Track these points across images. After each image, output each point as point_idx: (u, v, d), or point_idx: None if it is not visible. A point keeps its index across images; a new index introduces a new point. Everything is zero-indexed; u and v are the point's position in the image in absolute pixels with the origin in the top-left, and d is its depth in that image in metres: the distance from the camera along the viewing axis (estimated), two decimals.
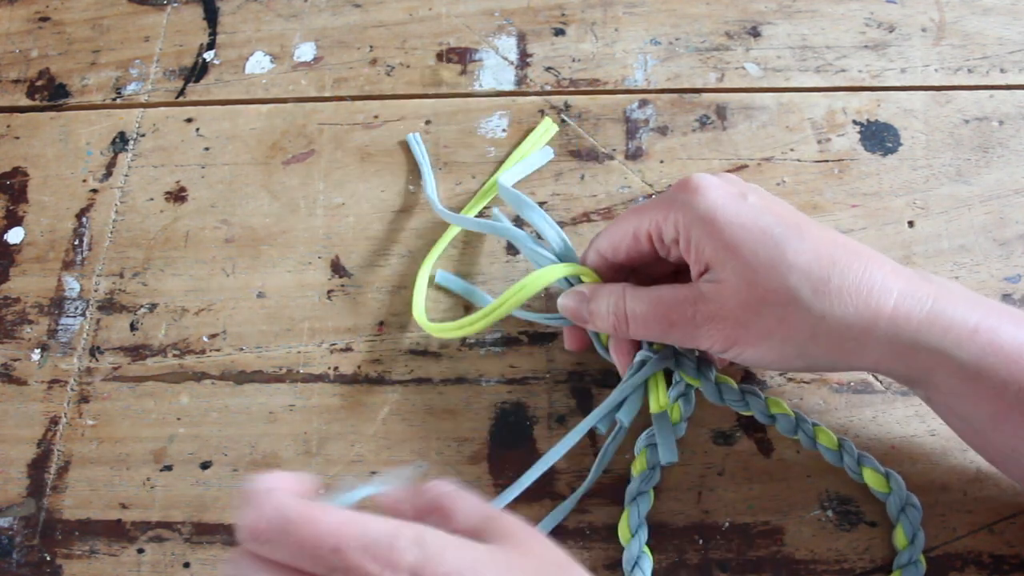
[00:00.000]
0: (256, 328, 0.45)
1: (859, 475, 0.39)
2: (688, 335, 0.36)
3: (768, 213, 0.35)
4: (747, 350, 0.35)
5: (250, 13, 0.54)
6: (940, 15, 0.50)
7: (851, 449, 0.39)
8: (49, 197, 0.50)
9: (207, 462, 0.43)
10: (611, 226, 0.39)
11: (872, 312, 0.33)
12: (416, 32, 0.52)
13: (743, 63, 0.50)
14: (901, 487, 0.38)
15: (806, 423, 0.39)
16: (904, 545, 0.38)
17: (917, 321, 0.33)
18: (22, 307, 0.47)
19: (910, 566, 0.37)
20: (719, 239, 0.34)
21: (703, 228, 0.35)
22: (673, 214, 0.36)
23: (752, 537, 0.39)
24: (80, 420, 0.44)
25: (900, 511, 0.38)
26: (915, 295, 0.33)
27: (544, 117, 0.49)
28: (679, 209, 0.36)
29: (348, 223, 0.47)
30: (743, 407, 0.40)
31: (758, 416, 0.40)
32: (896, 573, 0.38)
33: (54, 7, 0.55)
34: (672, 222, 0.36)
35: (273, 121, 0.50)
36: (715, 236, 0.34)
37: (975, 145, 0.47)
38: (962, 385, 0.33)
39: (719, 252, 0.34)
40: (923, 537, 0.38)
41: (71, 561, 0.41)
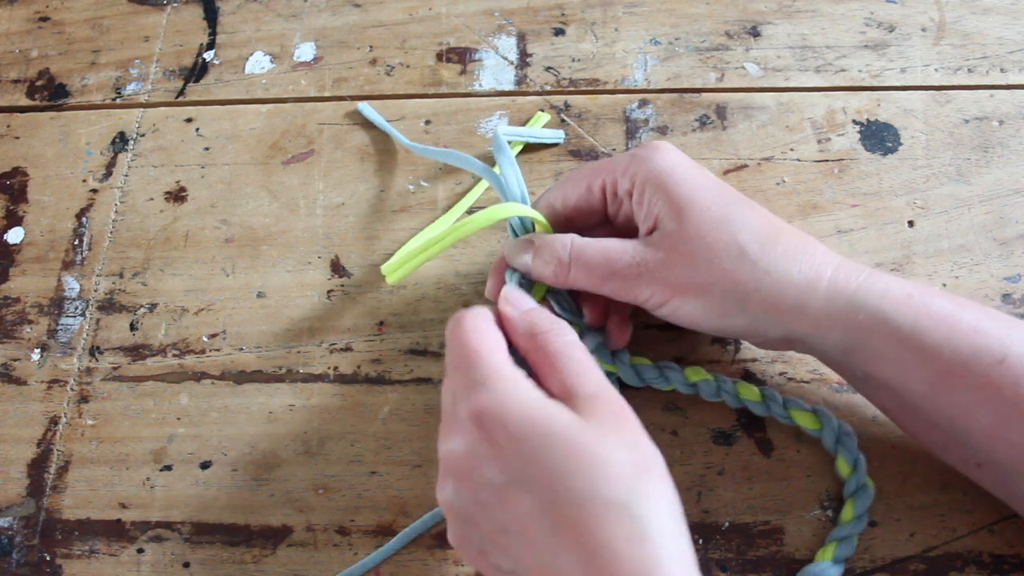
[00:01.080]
0: (256, 328, 0.45)
1: (789, 419, 0.40)
2: (628, 287, 0.37)
3: (722, 185, 0.37)
4: (687, 303, 0.36)
5: (250, 13, 0.54)
6: (940, 15, 0.50)
7: (775, 396, 0.40)
8: (49, 197, 0.50)
9: (207, 462, 0.43)
10: (564, 180, 0.40)
11: (814, 273, 0.35)
12: (416, 32, 0.52)
13: (743, 63, 0.50)
14: (831, 419, 0.39)
15: (726, 382, 0.40)
16: (848, 472, 0.39)
17: (855, 285, 0.34)
18: (22, 307, 0.47)
19: (859, 491, 0.38)
20: (674, 193, 0.36)
21: (659, 182, 0.36)
22: (631, 168, 0.37)
23: (752, 537, 0.39)
24: (80, 420, 0.44)
25: (836, 442, 0.39)
26: (851, 266, 0.35)
27: (538, 111, 0.49)
28: (637, 164, 0.37)
29: (348, 223, 0.47)
30: (663, 383, 0.40)
31: (680, 387, 0.40)
32: (848, 501, 0.38)
33: (54, 7, 0.55)
34: (629, 175, 0.37)
35: (273, 121, 0.50)
36: (670, 191, 0.36)
37: (975, 145, 0.47)
38: (899, 351, 0.34)
39: (672, 205, 0.36)
40: (864, 462, 0.38)
41: (71, 561, 0.41)
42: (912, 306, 0.34)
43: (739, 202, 0.36)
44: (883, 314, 0.34)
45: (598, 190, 0.39)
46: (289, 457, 0.42)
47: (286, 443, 0.43)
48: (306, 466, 0.42)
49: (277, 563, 0.41)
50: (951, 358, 0.33)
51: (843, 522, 0.38)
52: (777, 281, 0.34)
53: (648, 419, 0.41)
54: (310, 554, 0.41)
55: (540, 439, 0.30)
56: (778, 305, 0.35)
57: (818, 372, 0.42)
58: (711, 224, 0.35)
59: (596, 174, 0.38)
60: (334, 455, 0.42)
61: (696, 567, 0.30)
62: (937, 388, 0.34)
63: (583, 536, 0.29)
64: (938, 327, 0.33)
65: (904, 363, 0.34)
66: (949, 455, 0.37)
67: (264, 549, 0.41)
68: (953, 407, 0.34)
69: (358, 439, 0.43)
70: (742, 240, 0.35)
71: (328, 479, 0.42)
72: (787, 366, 0.42)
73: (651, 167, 0.36)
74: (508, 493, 0.30)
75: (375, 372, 0.44)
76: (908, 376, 0.34)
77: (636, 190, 0.37)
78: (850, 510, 0.38)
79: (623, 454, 0.30)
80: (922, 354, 0.33)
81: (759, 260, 0.34)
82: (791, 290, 0.34)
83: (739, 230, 0.35)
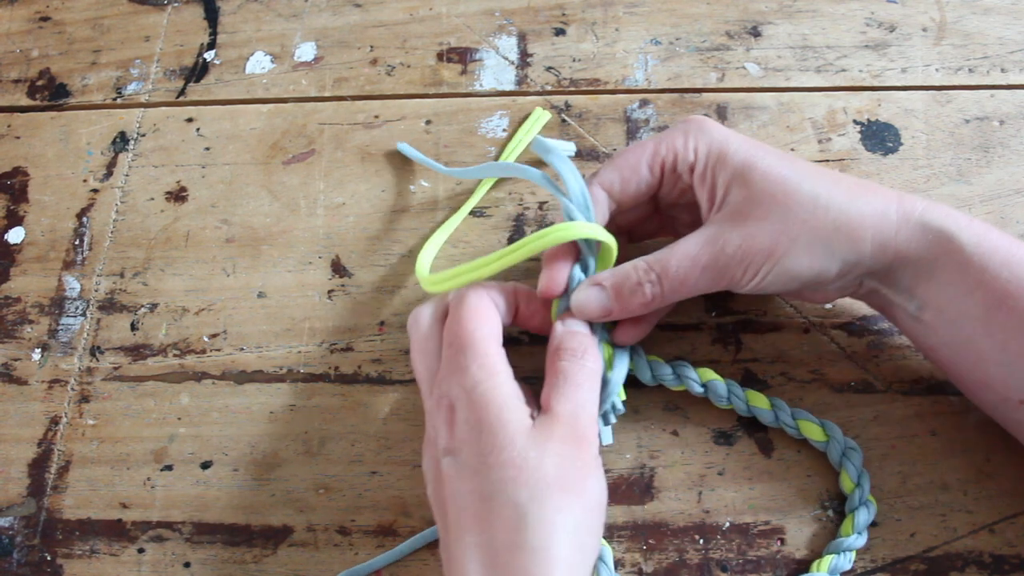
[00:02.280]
0: (256, 328, 0.45)
1: (797, 430, 0.40)
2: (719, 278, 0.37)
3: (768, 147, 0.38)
4: (778, 265, 0.36)
5: (250, 13, 0.54)
6: (940, 15, 0.50)
7: (783, 406, 0.40)
8: (50, 197, 0.50)
9: (207, 462, 0.43)
10: (615, 162, 0.39)
11: (883, 204, 0.36)
12: (416, 32, 0.52)
13: (743, 63, 0.50)
14: (838, 434, 0.39)
15: (737, 388, 0.40)
16: (851, 488, 0.39)
17: (921, 208, 0.36)
18: (22, 307, 0.47)
19: (861, 507, 0.38)
20: (737, 160, 0.37)
21: (720, 153, 0.37)
22: (692, 140, 0.38)
23: (752, 537, 0.39)
24: (80, 420, 0.44)
25: (841, 456, 0.39)
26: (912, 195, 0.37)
27: (536, 107, 0.49)
28: (697, 138, 0.38)
29: (348, 223, 0.47)
30: (675, 382, 0.40)
31: (692, 387, 0.40)
32: (849, 516, 0.39)
33: (54, 7, 0.55)
34: (692, 147, 0.38)
35: (273, 121, 0.50)
36: (733, 159, 0.37)
37: (976, 145, 0.47)
38: (962, 271, 0.35)
39: (737, 173, 0.37)
40: (868, 478, 0.39)
41: (71, 561, 0.41)
42: (974, 229, 0.35)
43: (791, 157, 0.37)
44: (949, 232, 0.35)
45: (658, 167, 0.38)
46: (290, 457, 0.43)
47: (287, 443, 0.43)
48: (307, 466, 0.42)
49: (278, 563, 0.41)
50: (1009, 279, 0.34)
51: (843, 535, 0.38)
52: (854, 217, 0.36)
53: (649, 419, 0.42)
54: (311, 554, 0.41)
55: (486, 432, 0.33)
56: (860, 238, 0.36)
57: (818, 372, 0.42)
58: (777, 182, 0.36)
59: (654, 153, 0.38)
60: (335, 455, 0.42)
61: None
62: (993, 311, 0.35)
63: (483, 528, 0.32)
64: (997, 250, 0.35)
65: (965, 284, 0.35)
66: (992, 392, 0.37)
67: (265, 549, 0.41)
68: (1006, 331, 0.35)
69: (359, 439, 0.43)
70: (810, 188, 0.36)
71: (329, 479, 0.42)
72: (787, 366, 0.42)
73: (711, 139, 0.38)
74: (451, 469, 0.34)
75: (376, 372, 0.44)
76: (966, 300, 0.35)
77: (699, 164, 0.38)
78: (850, 525, 0.38)
79: (549, 468, 0.32)
80: (983, 274, 0.35)
81: (831, 203, 0.36)
82: (868, 221, 0.36)
83: (803, 180, 0.36)
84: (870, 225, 0.36)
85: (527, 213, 0.47)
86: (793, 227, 0.36)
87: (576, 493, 0.33)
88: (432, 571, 0.40)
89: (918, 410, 0.41)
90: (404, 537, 0.41)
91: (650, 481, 0.41)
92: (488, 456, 0.33)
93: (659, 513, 0.40)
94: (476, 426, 0.34)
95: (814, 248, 0.36)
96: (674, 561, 0.39)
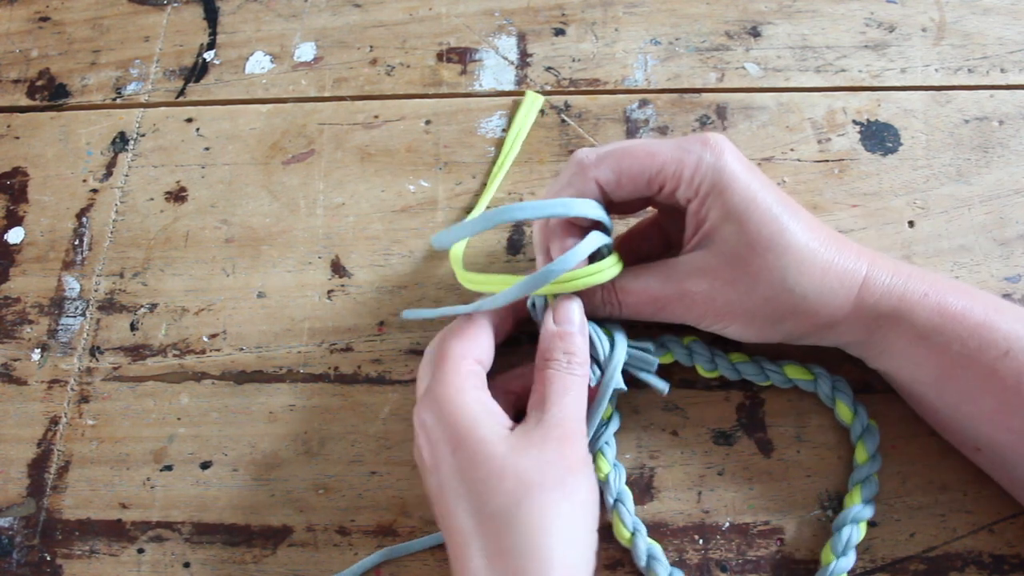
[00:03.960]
0: (256, 328, 0.45)
1: (783, 375, 0.41)
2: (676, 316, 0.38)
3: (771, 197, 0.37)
4: (729, 326, 0.38)
5: (250, 13, 0.54)
6: (940, 15, 0.50)
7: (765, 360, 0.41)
8: (49, 197, 0.50)
9: (207, 462, 0.43)
10: (621, 159, 0.38)
11: (845, 291, 0.36)
12: (416, 32, 0.52)
13: (743, 63, 0.50)
14: (822, 371, 0.41)
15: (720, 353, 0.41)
16: (850, 417, 0.40)
17: (879, 294, 0.36)
18: (22, 307, 0.47)
19: (866, 433, 0.39)
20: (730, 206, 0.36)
21: (718, 193, 0.36)
22: (699, 175, 0.36)
23: (752, 537, 0.39)
24: (80, 420, 0.44)
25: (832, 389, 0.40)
26: (877, 273, 0.36)
27: (526, 91, 0.49)
28: (704, 171, 0.36)
29: (348, 223, 0.47)
30: (711, 368, 0.41)
31: (725, 372, 0.41)
32: (859, 444, 0.39)
33: (54, 7, 0.55)
34: (697, 182, 0.37)
35: (273, 121, 0.50)
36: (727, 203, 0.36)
37: (975, 145, 0.47)
38: (911, 347, 0.36)
39: (729, 218, 0.36)
40: (880, 459, 0.39)
41: (71, 561, 0.41)
42: (926, 306, 0.36)
43: (786, 217, 0.36)
44: (900, 316, 0.36)
45: (657, 187, 0.38)
46: (289, 457, 0.43)
47: (286, 443, 0.43)
48: (306, 466, 0.42)
49: (277, 563, 0.41)
50: (959, 351, 0.35)
51: (859, 464, 0.39)
52: (812, 304, 0.36)
53: (649, 419, 0.42)
54: (310, 554, 0.41)
55: (460, 450, 0.34)
56: (812, 323, 0.37)
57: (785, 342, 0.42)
58: (755, 248, 0.36)
59: (660, 172, 0.37)
60: (334, 455, 0.42)
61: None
62: (944, 379, 0.36)
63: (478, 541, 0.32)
64: (948, 324, 0.35)
65: (915, 357, 0.37)
66: (951, 436, 0.39)
67: (264, 549, 0.41)
68: (957, 395, 0.36)
69: (358, 439, 0.43)
70: (783, 266, 0.36)
71: (328, 479, 0.42)
72: None
73: (717, 177, 0.36)
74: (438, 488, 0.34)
75: (375, 372, 0.44)
76: (918, 368, 0.37)
77: (696, 199, 0.37)
78: (863, 451, 0.39)
79: (531, 471, 0.33)
80: (932, 349, 0.36)
81: (796, 286, 0.36)
82: (825, 310, 0.36)
83: (781, 255, 0.36)
84: (825, 313, 0.36)
85: None
86: (753, 302, 0.36)
87: (562, 492, 0.33)
88: (432, 571, 0.40)
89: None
90: (404, 537, 0.41)
91: (650, 481, 0.41)
92: (467, 472, 0.33)
93: (659, 513, 0.40)
94: (450, 444, 0.34)
95: (765, 323, 0.37)
96: (674, 561, 0.39)
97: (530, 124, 0.48)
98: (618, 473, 0.40)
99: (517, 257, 0.46)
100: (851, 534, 0.38)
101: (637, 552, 0.38)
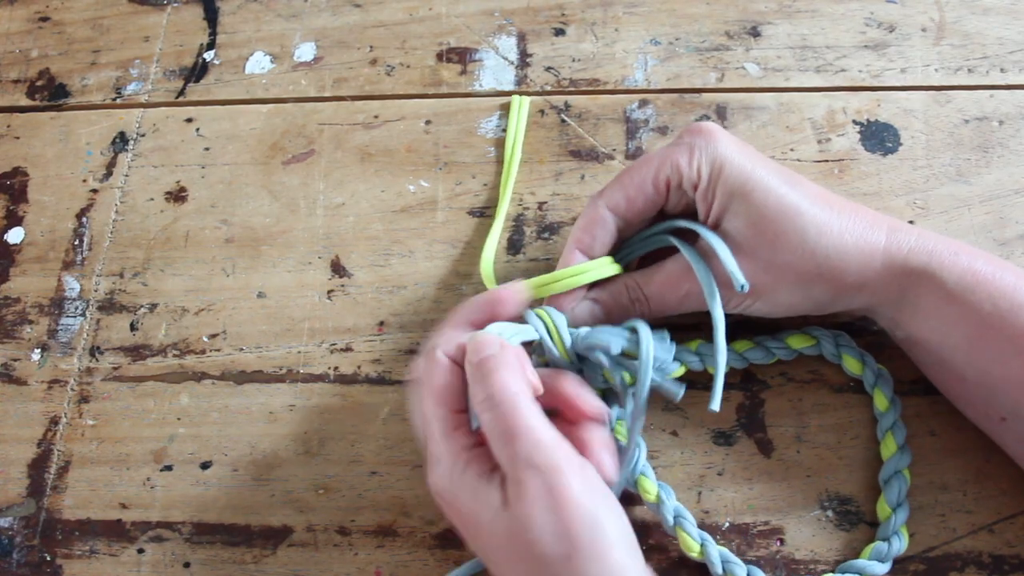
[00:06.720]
0: (256, 328, 0.45)
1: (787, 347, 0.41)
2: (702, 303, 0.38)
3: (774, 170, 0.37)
4: (758, 301, 0.38)
5: (250, 13, 0.54)
6: (940, 15, 0.50)
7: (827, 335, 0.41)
8: (49, 197, 0.50)
9: (207, 462, 0.43)
10: (621, 179, 0.39)
11: (869, 247, 0.36)
12: (416, 32, 0.52)
13: (743, 63, 0.50)
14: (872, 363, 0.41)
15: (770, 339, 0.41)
16: (885, 407, 0.40)
17: (907, 249, 0.36)
18: (22, 307, 0.47)
19: (895, 427, 0.39)
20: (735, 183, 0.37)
21: (720, 172, 0.37)
22: (696, 158, 0.37)
23: (752, 537, 0.39)
24: (80, 420, 0.44)
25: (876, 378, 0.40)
26: (901, 232, 0.37)
27: (512, 97, 0.49)
28: (702, 152, 0.37)
29: (348, 223, 0.47)
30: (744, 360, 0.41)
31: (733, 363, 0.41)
32: (887, 435, 0.39)
33: (54, 7, 0.55)
34: (696, 166, 0.37)
35: (273, 121, 0.50)
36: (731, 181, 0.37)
37: (975, 145, 0.47)
38: (944, 306, 0.36)
39: (736, 195, 0.37)
40: (900, 403, 0.40)
41: (71, 561, 0.41)
42: (958, 264, 0.36)
43: (791, 179, 0.37)
44: (931, 272, 0.36)
45: (663, 186, 0.38)
46: (289, 457, 0.43)
47: (286, 443, 0.43)
48: (306, 466, 0.42)
49: (277, 563, 0.41)
50: (990, 312, 0.35)
51: (882, 412, 0.40)
52: (837, 263, 0.36)
53: (648, 419, 0.42)
54: (310, 554, 0.41)
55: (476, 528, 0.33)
56: (841, 283, 0.36)
57: (818, 372, 0.42)
58: (769, 214, 0.36)
59: (659, 170, 0.38)
60: (334, 455, 0.42)
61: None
62: (974, 340, 0.36)
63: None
64: (980, 284, 0.35)
65: (946, 317, 0.36)
66: (975, 409, 0.38)
67: (264, 549, 0.41)
68: (987, 358, 0.36)
69: (358, 439, 0.43)
70: (801, 225, 0.36)
71: (328, 479, 0.42)
72: (786, 366, 0.42)
73: (714, 156, 0.37)
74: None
75: (375, 372, 0.44)
76: (948, 329, 0.36)
77: (702, 182, 0.37)
78: (882, 398, 0.40)
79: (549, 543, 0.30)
80: (963, 308, 0.36)
81: (819, 246, 0.36)
82: (852, 268, 0.36)
83: (796, 214, 0.36)
84: (853, 271, 0.36)
85: (527, 213, 0.47)
86: (776, 269, 0.36)
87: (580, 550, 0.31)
88: (432, 571, 0.40)
89: (918, 410, 0.41)
90: (404, 537, 0.41)
91: None
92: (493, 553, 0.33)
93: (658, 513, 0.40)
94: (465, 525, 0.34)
95: (793, 290, 0.37)
96: (674, 561, 0.39)
97: (524, 128, 0.48)
98: (667, 492, 0.39)
99: (517, 257, 0.46)
100: (900, 486, 0.38)
101: (711, 561, 0.37)
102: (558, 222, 0.46)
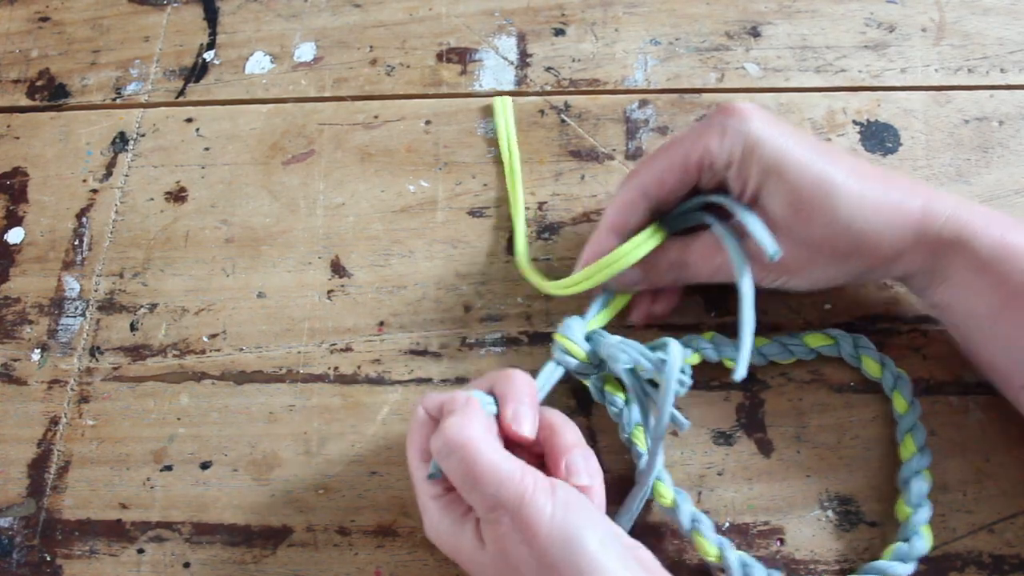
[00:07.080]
0: (256, 328, 0.45)
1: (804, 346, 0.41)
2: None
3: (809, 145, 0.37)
4: (794, 276, 0.38)
5: (250, 13, 0.54)
6: (940, 15, 0.50)
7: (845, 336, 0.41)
8: (49, 197, 0.50)
9: (207, 462, 0.43)
10: (652, 160, 0.40)
11: (903, 219, 0.36)
12: (416, 32, 0.52)
13: (743, 63, 0.50)
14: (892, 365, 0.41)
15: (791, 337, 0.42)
16: (904, 408, 0.40)
17: (942, 220, 0.36)
18: (22, 307, 0.47)
19: (915, 429, 0.39)
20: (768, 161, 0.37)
21: (753, 152, 0.37)
22: (728, 141, 0.37)
23: (751, 537, 0.39)
24: (80, 420, 0.44)
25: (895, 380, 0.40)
26: (936, 202, 0.37)
27: (493, 99, 0.49)
28: (733, 135, 0.37)
29: (348, 223, 0.47)
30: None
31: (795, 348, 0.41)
32: (907, 436, 0.39)
33: (54, 7, 0.55)
34: (728, 148, 0.37)
35: (273, 121, 0.50)
36: (764, 160, 0.37)
37: (975, 145, 0.47)
38: (974, 276, 0.36)
39: (770, 172, 0.37)
40: (919, 405, 0.40)
41: (71, 561, 0.41)
42: (990, 235, 0.36)
43: (825, 151, 0.37)
44: (965, 241, 0.36)
45: (694, 168, 0.39)
46: (289, 457, 0.43)
47: (286, 443, 0.43)
48: (306, 466, 0.42)
49: (277, 563, 0.41)
50: (1019, 282, 0.35)
51: (901, 415, 0.40)
52: (872, 237, 0.36)
53: None
54: (310, 554, 0.41)
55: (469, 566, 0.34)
56: (876, 256, 0.37)
57: (818, 372, 0.42)
58: (803, 189, 0.36)
59: (691, 151, 0.38)
60: (334, 455, 0.42)
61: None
62: (1001, 310, 0.36)
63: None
64: (1010, 255, 0.36)
65: (976, 286, 0.36)
66: (999, 376, 0.38)
67: (264, 549, 0.41)
68: (1013, 327, 0.36)
69: (358, 439, 0.43)
70: (835, 200, 0.36)
71: (328, 479, 0.42)
72: (787, 367, 0.42)
73: (746, 137, 0.37)
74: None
75: (375, 372, 0.44)
76: (977, 298, 0.37)
77: (734, 165, 0.37)
78: (901, 400, 0.40)
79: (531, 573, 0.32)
80: (993, 278, 0.36)
81: (853, 220, 0.36)
82: (887, 241, 0.36)
83: (831, 188, 0.36)
84: (888, 245, 0.36)
85: (527, 213, 0.47)
86: (812, 246, 0.37)
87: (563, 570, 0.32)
88: (432, 571, 0.40)
89: None
90: (404, 537, 0.41)
91: None
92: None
93: (658, 513, 0.40)
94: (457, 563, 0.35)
95: (828, 265, 0.38)
96: (674, 561, 0.39)
97: (513, 127, 0.48)
98: (683, 497, 0.39)
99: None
100: (920, 486, 0.38)
101: (730, 566, 0.37)
102: (558, 222, 0.46)
